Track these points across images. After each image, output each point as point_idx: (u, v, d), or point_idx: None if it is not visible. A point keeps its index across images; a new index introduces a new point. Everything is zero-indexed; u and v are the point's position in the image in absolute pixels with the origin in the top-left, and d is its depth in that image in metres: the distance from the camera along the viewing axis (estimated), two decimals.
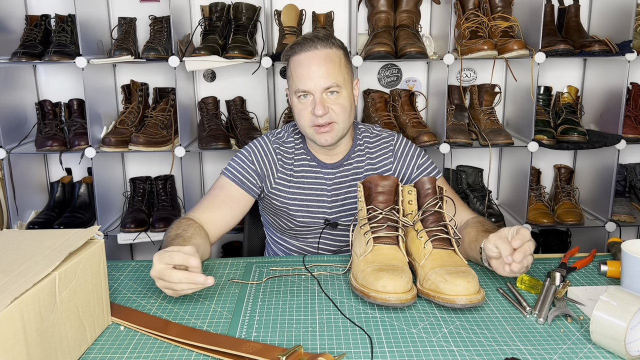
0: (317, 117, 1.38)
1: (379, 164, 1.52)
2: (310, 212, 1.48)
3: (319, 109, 1.37)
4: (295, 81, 1.40)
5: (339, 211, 1.49)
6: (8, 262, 0.85)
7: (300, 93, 1.39)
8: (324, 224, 1.49)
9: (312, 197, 1.48)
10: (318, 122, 1.38)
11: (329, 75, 1.38)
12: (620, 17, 2.27)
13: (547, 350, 0.93)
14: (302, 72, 1.38)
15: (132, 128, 2.33)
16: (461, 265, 1.10)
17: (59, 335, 0.85)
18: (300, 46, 1.41)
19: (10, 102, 2.33)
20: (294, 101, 1.43)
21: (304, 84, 1.38)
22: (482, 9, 2.32)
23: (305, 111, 1.40)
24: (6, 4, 2.35)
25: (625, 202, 2.45)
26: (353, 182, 1.50)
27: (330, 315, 1.05)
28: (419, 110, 2.47)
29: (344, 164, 1.50)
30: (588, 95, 2.53)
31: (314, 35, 1.41)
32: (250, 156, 1.49)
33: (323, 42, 1.40)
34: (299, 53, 1.40)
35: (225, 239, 2.57)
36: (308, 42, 1.40)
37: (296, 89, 1.40)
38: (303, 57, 1.39)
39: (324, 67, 1.37)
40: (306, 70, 1.38)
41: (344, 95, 1.40)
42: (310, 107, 1.39)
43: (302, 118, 1.41)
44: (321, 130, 1.40)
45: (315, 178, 1.49)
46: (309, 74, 1.37)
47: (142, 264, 1.31)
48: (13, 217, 2.32)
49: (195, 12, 2.46)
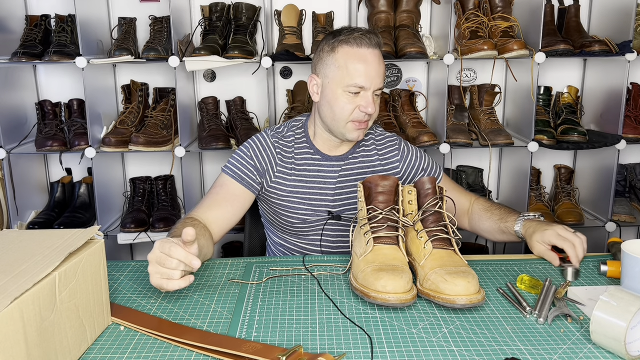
0: (364, 114, 1.40)
1: (387, 161, 1.55)
2: (312, 205, 1.49)
3: (371, 107, 1.39)
4: (351, 74, 1.38)
5: (342, 204, 1.50)
6: (8, 262, 0.85)
7: (354, 88, 1.38)
8: (327, 216, 1.49)
9: (315, 190, 1.49)
10: (363, 118, 1.41)
11: (383, 76, 1.42)
12: (620, 17, 2.27)
13: (547, 350, 0.93)
14: (364, 68, 1.37)
15: (132, 128, 2.33)
16: (461, 265, 1.10)
17: (59, 335, 0.85)
18: (359, 40, 1.38)
19: (10, 102, 2.33)
20: (338, 92, 1.40)
21: (363, 80, 1.37)
22: (482, 9, 2.32)
23: (350, 105, 1.40)
24: (6, 4, 2.35)
25: (625, 202, 2.45)
26: (361, 176, 1.51)
27: (330, 315, 1.05)
28: (419, 110, 2.48)
29: (349, 157, 1.52)
30: (588, 95, 2.53)
31: (370, 31, 1.41)
32: (249, 152, 1.49)
33: (376, 40, 1.40)
34: (360, 46, 1.38)
35: (225, 239, 2.57)
36: (367, 38, 1.39)
37: (352, 83, 1.38)
38: (365, 52, 1.38)
39: (382, 68, 1.41)
40: (368, 67, 1.38)
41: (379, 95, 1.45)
42: (358, 102, 1.39)
43: (343, 111, 1.40)
44: (361, 127, 1.42)
45: (319, 171, 1.50)
46: (370, 72, 1.38)
47: (142, 264, 1.31)
48: (13, 217, 2.32)
49: (195, 12, 2.46)
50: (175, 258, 1.04)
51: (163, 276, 1.05)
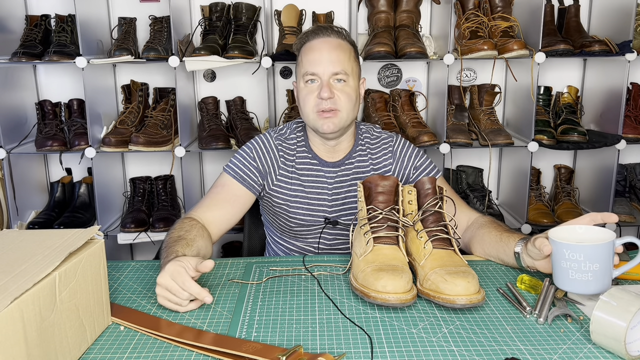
0: (322, 101, 1.38)
1: (379, 164, 1.52)
2: (310, 210, 1.48)
3: (325, 91, 1.37)
4: (304, 65, 1.41)
5: (339, 210, 1.49)
6: (8, 262, 0.85)
7: (309, 77, 1.40)
8: (324, 223, 1.49)
9: (313, 195, 1.48)
10: (323, 106, 1.39)
11: (339, 61, 1.39)
12: (620, 17, 2.27)
13: (547, 350, 0.93)
14: (313, 56, 1.40)
15: (132, 128, 2.33)
16: (461, 265, 1.10)
17: (59, 335, 0.85)
18: (314, 33, 1.43)
19: (10, 102, 2.33)
20: (301, 86, 1.43)
21: (313, 67, 1.39)
22: (482, 9, 2.32)
23: (310, 95, 1.40)
24: (6, 4, 2.35)
25: (625, 202, 2.45)
26: (354, 182, 1.49)
27: (330, 315, 1.05)
28: (419, 110, 2.47)
29: (346, 163, 1.50)
30: (588, 95, 2.53)
31: (328, 25, 1.45)
32: (252, 153, 1.48)
33: (336, 33, 1.43)
34: (312, 39, 1.43)
35: (225, 239, 2.57)
36: (322, 30, 1.43)
37: (305, 72, 1.40)
38: (315, 42, 1.42)
39: (335, 54, 1.40)
40: (317, 54, 1.40)
41: (350, 85, 1.42)
42: (316, 91, 1.40)
43: (307, 103, 1.41)
44: (325, 115, 1.39)
45: (317, 176, 1.49)
46: (320, 58, 1.39)
47: (142, 264, 1.31)
48: (13, 217, 2.32)
49: (195, 12, 2.46)
50: (187, 292, 1.04)
51: (171, 301, 1.06)
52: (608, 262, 1.02)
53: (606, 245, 1.02)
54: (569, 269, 1.02)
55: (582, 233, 1.10)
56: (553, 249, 1.05)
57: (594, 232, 1.09)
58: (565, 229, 1.11)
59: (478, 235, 1.34)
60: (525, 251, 1.17)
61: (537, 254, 1.13)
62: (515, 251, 1.20)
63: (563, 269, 1.03)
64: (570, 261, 1.02)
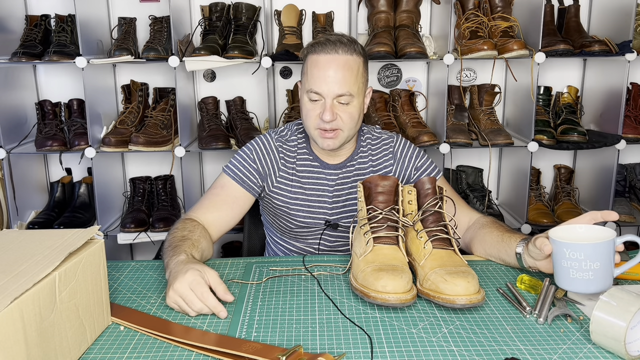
0: (324, 122, 1.36)
1: (379, 165, 1.52)
2: (311, 212, 1.48)
3: (327, 114, 1.35)
4: (309, 80, 1.38)
5: (340, 212, 1.49)
6: (8, 262, 0.85)
7: (312, 95, 1.37)
8: (324, 225, 1.48)
9: (314, 197, 1.48)
10: (324, 126, 1.37)
11: (344, 83, 1.35)
12: (620, 17, 2.27)
13: (547, 350, 0.93)
14: (318, 74, 1.36)
15: (132, 128, 2.33)
16: (461, 265, 1.10)
17: (59, 335, 0.85)
18: (322, 46, 1.37)
19: (10, 102, 2.32)
20: (304, 99, 1.40)
21: (317, 86, 1.36)
22: (482, 9, 2.32)
23: (313, 112, 1.38)
24: (6, 4, 2.35)
25: (625, 202, 2.45)
26: (355, 184, 1.49)
27: (330, 315, 1.05)
28: (419, 110, 2.48)
29: (347, 165, 1.50)
30: (588, 95, 2.53)
31: (337, 39, 1.38)
32: (252, 154, 1.47)
33: (345, 47, 1.36)
34: (319, 53, 1.37)
35: (225, 239, 2.57)
36: (330, 45, 1.36)
37: (309, 88, 1.37)
38: (322, 58, 1.36)
39: (341, 74, 1.35)
40: (323, 73, 1.35)
41: (354, 105, 1.38)
42: (319, 110, 1.37)
43: (309, 118, 1.40)
44: (326, 135, 1.38)
45: (318, 178, 1.49)
46: (325, 78, 1.35)
47: (142, 264, 1.31)
48: (13, 217, 2.32)
49: (195, 12, 2.46)
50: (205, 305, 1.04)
51: (181, 308, 1.06)
52: (609, 260, 1.02)
53: (606, 243, 1.02)
54: (569, 268, 1.02)
55: (582, 232, 1.10)
56: (553, 248, 1.05)
57: (595, 231, 1.09)
58: (566, 228, 1.11)
59: (479, 236, 1.34)
60: (526, 251, 1.17)
61: (537, 254, 1.12)
62: (516, 252, 1.20)
63: (564, 268, 1.03)
64: (571, 260, 1.02)
